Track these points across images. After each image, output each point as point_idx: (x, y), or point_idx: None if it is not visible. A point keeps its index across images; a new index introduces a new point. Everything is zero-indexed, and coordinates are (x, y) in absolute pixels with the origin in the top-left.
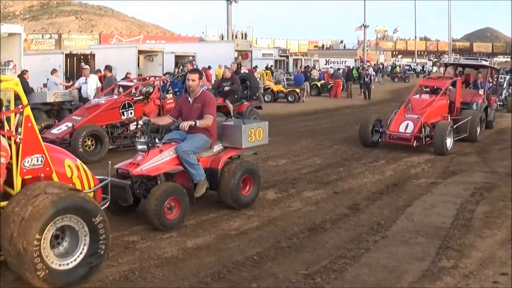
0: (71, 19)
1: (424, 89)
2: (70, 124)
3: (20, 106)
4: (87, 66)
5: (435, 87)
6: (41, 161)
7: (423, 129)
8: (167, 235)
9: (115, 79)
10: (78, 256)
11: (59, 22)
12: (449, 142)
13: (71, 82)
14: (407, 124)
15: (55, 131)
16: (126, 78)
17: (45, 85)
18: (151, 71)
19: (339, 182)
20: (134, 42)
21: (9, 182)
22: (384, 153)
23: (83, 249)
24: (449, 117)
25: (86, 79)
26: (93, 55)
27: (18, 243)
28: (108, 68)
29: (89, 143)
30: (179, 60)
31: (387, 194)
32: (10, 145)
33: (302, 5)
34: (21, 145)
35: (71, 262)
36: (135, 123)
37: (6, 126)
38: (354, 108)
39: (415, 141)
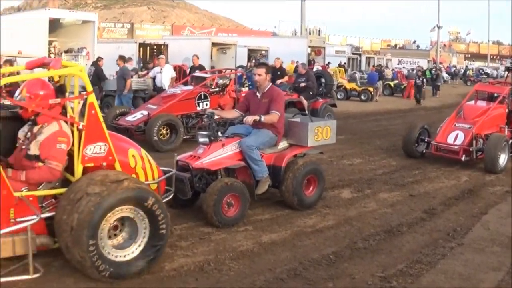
0: (143, 9)
1: (480, 95)
2: (145, 112)
3: (84, 93)
4: (163, 56)
5: (493, 94)
6: (104, 150)
7: (474, 142)
8: (242, 228)
9: (127, 69)
10: (142, 241)
11: (131, 12)
12: (502, 158)
13: (145, 71)
14: (457, 134)
15: (130, 118)
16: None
17: (118, 73)
18: (223, 64)
19: (414, 185)
20: (207, 35)
21: (70, 169)
22: None
23: (144, 233)
24: (506, 129)
25: (161, 69)
26: (166, 46)
27: (74, 252)
28: (122, 58)
29: (164, 132)
30: (252, 53)
31: (462, 200)
32: (72, 132)
33: (375, 3)
34: (83, 132)
35: (136, 249)
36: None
37: (70, 113)
38: (427, 110)
39: (464, 155)
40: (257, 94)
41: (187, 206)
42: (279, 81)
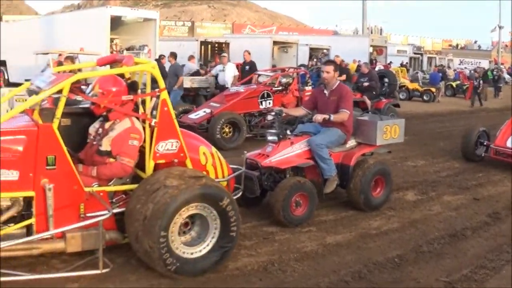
0: (204, 8)
1: None
2: (208, 110)
3: (156, 90)
4: (225, 54)
5: None
6: (176, 147)
7: None
8: (306, 229)
9: (179, 66)
10: (210, 241)
11: (192, 10)
12: None
13: (208, 69)
14: None
15: (193, 116)
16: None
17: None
18: (285, 62)
19: (478, 188)
20: (267, 33)
21: (140, 165)
22: None
23: (214, 233)
24: None
25: (223, 67)
26: (227, 44)
27: (144, 242)
28: (173, 55)
29: (227, 130)
30: (313, 52)
31: None
32: (144, 128)
33: (435, 3)
34: (155, 129)
35: (204, 248)
36: (272, 113)
37: (141, 109)
38: (489, 111)
39: None
40: (325, 91)
41: (252, 205)
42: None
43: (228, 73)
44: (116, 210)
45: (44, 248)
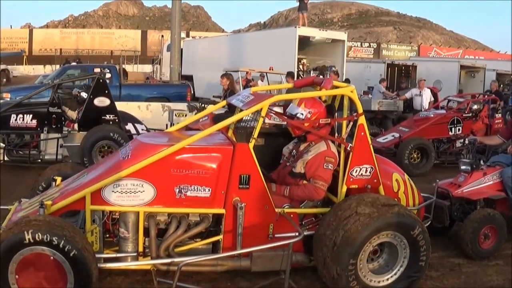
0: (389, 29)
1: None
2: (396, 135)
3: (354, 114)
4: (424, 79)
5: None
6: (370, 172)
7: None
8: (493, 262)
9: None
10: (398, 270)
11: (377, 31)
12: None
13: (395, 92)
14: None
15: (381, 140)
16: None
17: (365, 93)
18: (472, 87)
19: None
20: (453, 56)
21: (331, 188)
22: None
23: (403, 262)
24: None
25: (420, 91)
26: (414, 67)
27: (331, 268)
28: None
29: (415, 155)
30: (500, 78)
31: None
32: (339, 152)
33: None
34: (351, 153)
35: (391, 276)
36: (461, 140)
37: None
38: None
39: None
40: None
41: (439, 234)
42: None
43: (425, 97)
44: (306, 233)
45: (229, 265)
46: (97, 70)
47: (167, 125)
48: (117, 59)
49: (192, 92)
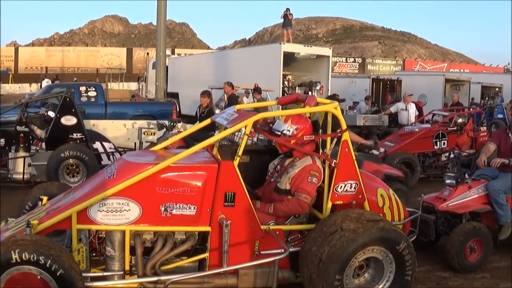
0: (374, 44)
1: None
2: (382, 150)
3: (338, 131)
4: (411, 94)
5: None
6: (355, 188)
7: None
8: (480, 275)
9: (235, 96)
10: (385, 285)
11: (362, 46)
12: None
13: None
14: None
15: None
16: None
17: (350, 108)
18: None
19: None
20: (438, 70)
21: (317, 205)
22: None
23: (389, 277)
24: None
25: (406, 106)
26: (399, 81)
27: (317, 284)
28: (231, 85)
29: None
30: (485, 91)
31: None
32: (324, 169)
33: None
34: (336, 169)
35: None
36: (446, 154)
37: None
38: None
39: None
40: (510, 135)
41: (425, 249)
42: None
43: (411, 112)
44: (292, 249)
45: (216, 283)
46: (82, 88)
47: (135, 143)
48: (103, 77)
49: (177, 109)
